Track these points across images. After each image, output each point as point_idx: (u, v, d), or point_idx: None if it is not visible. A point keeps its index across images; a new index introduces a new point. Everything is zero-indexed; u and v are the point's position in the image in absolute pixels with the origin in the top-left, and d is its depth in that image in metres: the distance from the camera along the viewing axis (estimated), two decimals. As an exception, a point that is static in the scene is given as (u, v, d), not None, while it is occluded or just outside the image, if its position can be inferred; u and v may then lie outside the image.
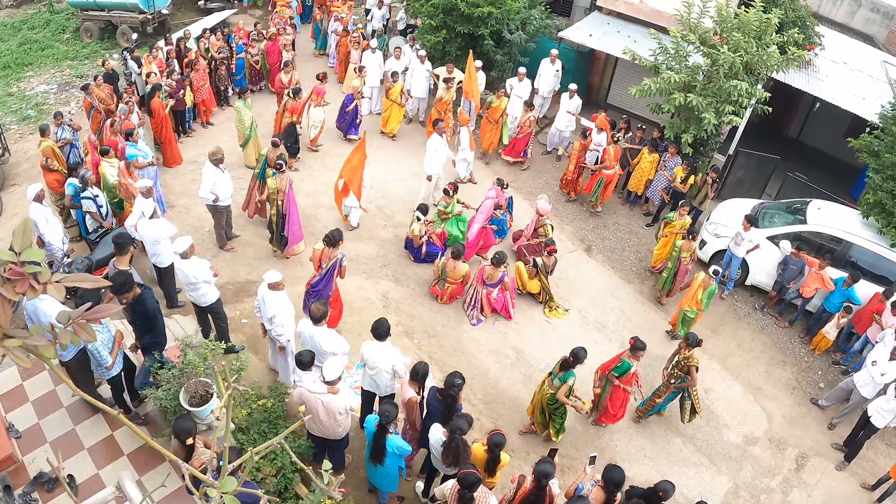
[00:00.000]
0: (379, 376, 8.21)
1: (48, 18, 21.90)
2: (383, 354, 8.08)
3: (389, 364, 8.08)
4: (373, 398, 8.54)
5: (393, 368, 8.12)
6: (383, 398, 8.42)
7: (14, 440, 7.67)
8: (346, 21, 18.28)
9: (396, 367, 8.13)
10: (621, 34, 15.90)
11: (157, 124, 13.53)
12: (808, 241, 12.11)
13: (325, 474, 2.68)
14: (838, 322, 11.46)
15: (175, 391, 7.72)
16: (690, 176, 13.24)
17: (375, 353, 8.10)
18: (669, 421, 10.24)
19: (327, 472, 2.69)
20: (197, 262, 8.87)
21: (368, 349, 8.16)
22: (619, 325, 11.78)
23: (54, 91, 17.83)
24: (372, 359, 8.12)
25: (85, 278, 2.00)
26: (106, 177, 11.20)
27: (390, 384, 8.37)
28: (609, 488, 6.61)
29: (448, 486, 6.64)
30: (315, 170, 14.49)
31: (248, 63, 16.98)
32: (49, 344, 1.79)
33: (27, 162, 14.43)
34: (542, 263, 11.44)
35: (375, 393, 8.46)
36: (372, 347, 8.13)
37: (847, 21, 19.48)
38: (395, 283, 11.84)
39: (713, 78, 12.52)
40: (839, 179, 15.86)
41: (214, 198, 11.13)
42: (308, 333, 8.31)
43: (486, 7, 15.12)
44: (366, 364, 8.24)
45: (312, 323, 8.25)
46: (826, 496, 9.62)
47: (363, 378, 8.45)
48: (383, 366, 8.09)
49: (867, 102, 13.81)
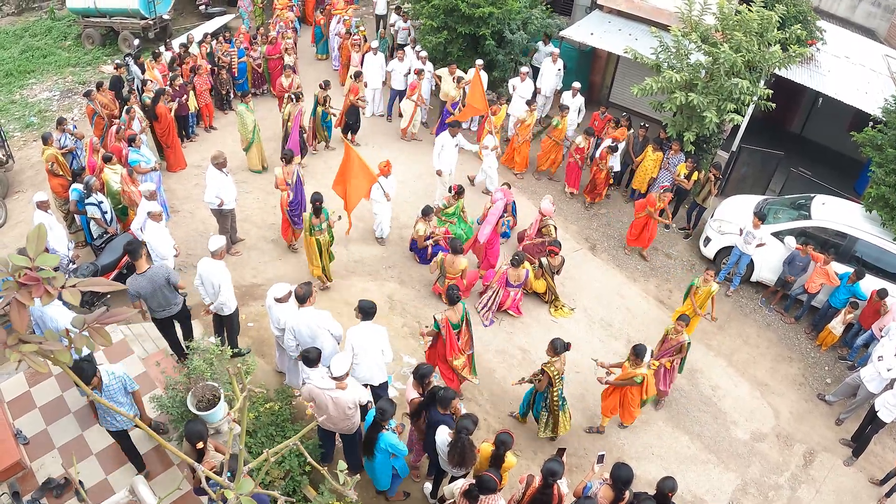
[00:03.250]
0: (368, 360, 8.15)
1: (50, 25, 21.96)
2: (371, 335, 8.04)
3: (377, 346, 8.06)
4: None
5: (381, 350, 8.11)
6: (377, 387, 8.46)
7: (22, 446, 7.69)
8: (348, 23, 18.28)
9: (385, 349, 8.12)
10: (622, 32, 15.89)
11: (164, 129, 13.55)
12: (812, 236, 12.09)
13: (341, 475, 2.69)
14: (845, 317, 11.44)
15: (182, 397, 7.74)
16: (694, 172, 13.23)
17: (363, 335, 8.05)
18: (677, 419, 10.24)
19: (343, 473, 2.70)
20: (223, 268, 8.91)
21: (356, 333, 8.07)
22: (625, 323, 11.78)
23: (57, 98, 17.88)
24: (360, 342, 8.05)
25: (99, 282, 2.01)
26: (109, 183, 11.23)
27: (381, 370, 8.34)
28: (618, 486, 6.60)
29: (457, 485, 6.65)
30: (318, 171, 14.51)
31: (250, 66, 17.00)
32: (65, 349, 1.80)
33: (31, 169, 14.47)
34: (548, 263, 11.44)
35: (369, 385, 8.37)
36: (359, 330, 8.07)
37: (848, 15, 19.47)
38: (400, 284, 11.85)
39: (715, 76, 12.51)
40: (843, 174, 15.82)
41: (219, 202, 11.15)
42: (304, 322, 8.22)
43: (486, 7, 15.11)
44: (355, 353, 8.09)
45: (298, 305, 8.23)
46: (835, 492, 9.61)
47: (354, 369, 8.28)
48: (371, 347, 8.05)
49: (870, 97, 13.78)
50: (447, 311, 8.95)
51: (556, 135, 14.60)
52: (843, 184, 14.75)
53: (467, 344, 9.21)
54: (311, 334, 8.20)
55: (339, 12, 18.98)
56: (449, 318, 8.85)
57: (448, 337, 8.90)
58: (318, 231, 10.64)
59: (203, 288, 9.02)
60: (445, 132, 13.11)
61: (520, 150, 15.04)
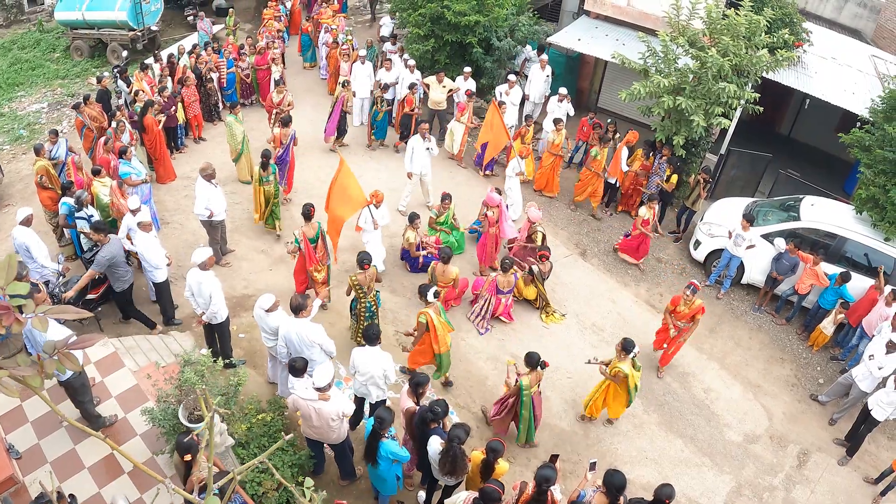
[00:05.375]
0: (371, 382, 8.24)
1: (38, 38, 21.92)
2: (375, 360, 8.10)
3: (381, 369, 8.11)
4: (364, 403, 8.59)
5: (384, 373, 8.14)
6: (374, 404, 8.48)
7: (14, 461, 7.66)
8: (336, 33, 18.31)
9: (388, 373, 8.16)
10: (610, 37, 15.96)
11: (151, 141, 13.52)
12: (802, 237, 12.13)
13: (308, 490, 2.70)
14: (835, 317, 11.49)
15: (173, 409, 7.72)
16: (674, 175, 13.29)
17: (367, 358, 8.12)
18: (670, 422, 10.25)
19: (309, 489, 2.71)
20: (213, 277, 8.96)
21: (359, 355, 8.18)
22: (617, 328, 11.78)
23: (46, 110, 17.84)
24: (363, 365, 8.14)
25: (67, 310, 2.03)
26: (99, 196, 11.20)
27: (381, 390, 8.39)
28: (612, 493, 6.60)
29: (460, 498, 6.65)
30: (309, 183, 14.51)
31: (239, 77, 16.99)
32: (35, 373, 1.80)
33: (20, 182, 14.42)
34: (538, 270, 11.46)
35: (366, 398, 8.51)
36: (363, 353, 8.16)
37: (835, 17, 19.61)
38: (391, 293, 11.83)
39: (702, 80, 12.56)
40: (832, 175, 15.91)
41: (209, 213, 11.15)
42: (294, 331, 8.30)
43: (473, 16, 15.16)
44: (356, 371, 8.26)
45: (294, 315, 8.33)
46: (829, 491, 9.63)
47: (354, 383, 8.49)
48: (375, 371, 8.11)
49: (857, 97, 13.87)
50: (304, 227, 10.46)
51: (595, 166, 13.83)
52: (831, 184, 14.82)
53: (324, 257, 10.80)
54: (302, 345, 8.22)
55: (326, 22, 19.01)
56: (305, 233, 10.39)
57: (307, 249, 10.46)
58: (266, 182, 12.22)
59: (193, 299, 9.06)
60: (416, 135, 13.20)
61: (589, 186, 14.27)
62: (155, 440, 8.27)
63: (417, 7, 15.97)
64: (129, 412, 8.71)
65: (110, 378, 9.22)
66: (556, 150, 14.43)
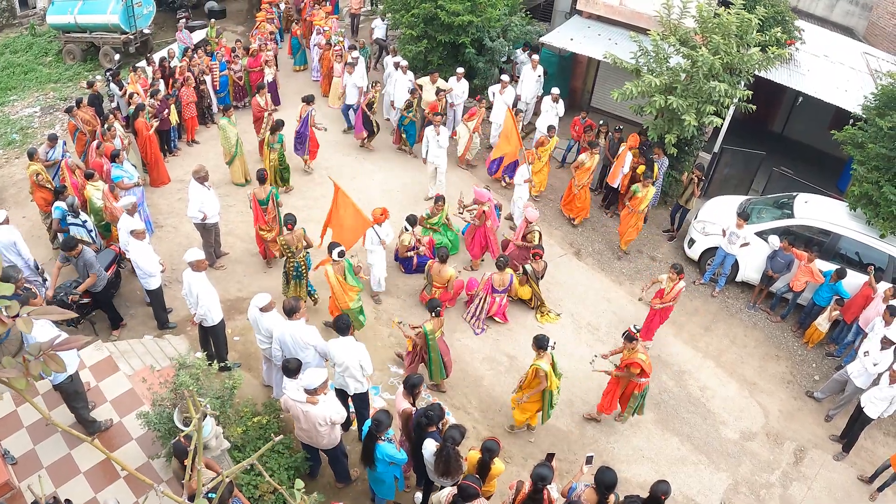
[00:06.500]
0: (348, 374, 8.22)
1: (30, 41, 21.82)
2: (348, 350, 8.09)
3: (356, 360, 8.10)
4: (344, 397, 8.54)
5: (360, 364, 8.14)
6: (353, 397, 8.49)
7: (10, 467, 7.62)
8: (328, 34, 18.27)
9: (363, 363, 8.16)
10: (602, 37, 15.96)
11: (143, 144, 13.49)
12: (796, 234, 12.16)
13: (298, 493, 2.69)
14: (830, 314, 11.51)
15: (168, 413, 7.69)
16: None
17: (342, 349, 8.11)
18: (666, 421, 10.26)
19: (299, 491, 2.70)
20: (203, 279, 8.95)
21: (335, 346, 8.17)
22: (612, 326, 11.79)
23: (38, 114, 17.76)
24: (340, 356, 8.13)
25: (52, 310, 2.01)
26: (92, 200, 11.18)
27: (360, 382, 8.38)
28: (601, 490, 6.61)
29: (444, 494, 6.64)
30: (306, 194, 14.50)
31: (232, 80, 16.95)
32: (20, 375, 1.79)
33: (14, 187, 14.36)
34: (532, 270, 11.45)
35: (346, 392, 8.48)
36: (338, 344, 8.15)
37: (827, 15, 19.67)
38: (385, 294, 11.82)
39: (694, 79, 12.57)
40: (825, 172, 15.94)
41: (203, 216, 11.12)
42: (288, 333, 8.30)
43: (466, 16, 15.16)
44: (334, 362, 8.26)
45: (287, 317, 8.33)
46: (826, 488, 9.65)
47: (335, 376, 8.45)
48: (351, 362, 8.10)
49: (849, 94, 13.89)
50: (256, 189, 11.40)
51: (634, 204, 12.95)
52: (825, 181, 14.86)
53: (274, 220, 11.55)
54: (296, 347, 8.21)
55: (318, 23, 18.98)
56: (256, 194, 11.32)
57: (255, 209, 11.39)
58: (272, 148, 13.36)
59: (189, 298, 9.10)
60: (430, 126, 13.48)
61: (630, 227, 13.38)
62: (150, 444, 8.25)
63: (410, 8, 15.96)
64: (125, 416, 8.70)
65: (105, 382, 9.20)
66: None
